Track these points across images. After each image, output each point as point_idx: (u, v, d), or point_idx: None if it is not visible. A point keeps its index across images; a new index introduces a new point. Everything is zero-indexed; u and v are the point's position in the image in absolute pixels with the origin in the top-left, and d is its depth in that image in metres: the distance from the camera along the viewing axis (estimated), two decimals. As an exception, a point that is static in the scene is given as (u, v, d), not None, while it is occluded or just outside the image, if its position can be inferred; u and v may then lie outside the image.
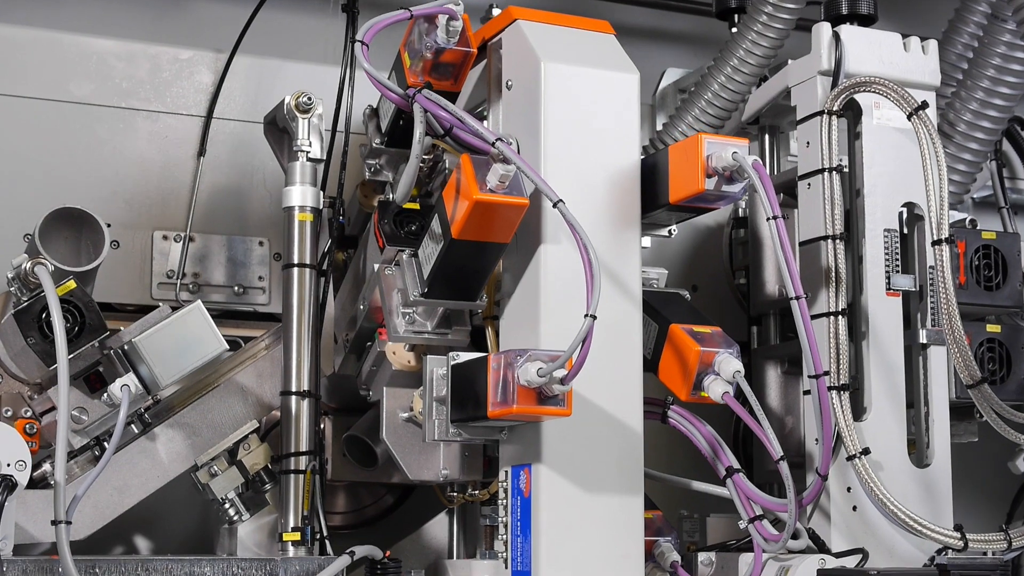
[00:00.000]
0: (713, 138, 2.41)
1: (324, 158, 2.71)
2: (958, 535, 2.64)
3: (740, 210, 3.22)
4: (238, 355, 2.65)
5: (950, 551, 2.62)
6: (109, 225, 2.60)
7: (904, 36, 2.84)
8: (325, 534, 2.54)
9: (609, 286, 2.45)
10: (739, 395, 2.45)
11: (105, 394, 2.39)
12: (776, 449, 2.37)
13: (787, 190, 2.99)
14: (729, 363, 2.42)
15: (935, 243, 2.56)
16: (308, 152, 2.63)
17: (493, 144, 2.23)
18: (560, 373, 2.17)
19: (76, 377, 2.39)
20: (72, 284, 2.39)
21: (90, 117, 2.96)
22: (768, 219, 2.34)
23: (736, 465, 2.47)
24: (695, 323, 2.56)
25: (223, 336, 2.93)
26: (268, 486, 2.63)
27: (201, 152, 3.02)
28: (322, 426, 2.77)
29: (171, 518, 2.93)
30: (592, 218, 2.45)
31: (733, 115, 3.08)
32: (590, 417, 2.40)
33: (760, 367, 3.05)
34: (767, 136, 3.12)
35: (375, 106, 2.86)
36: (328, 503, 3.01)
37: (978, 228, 2.90)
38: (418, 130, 2.34)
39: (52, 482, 2.48)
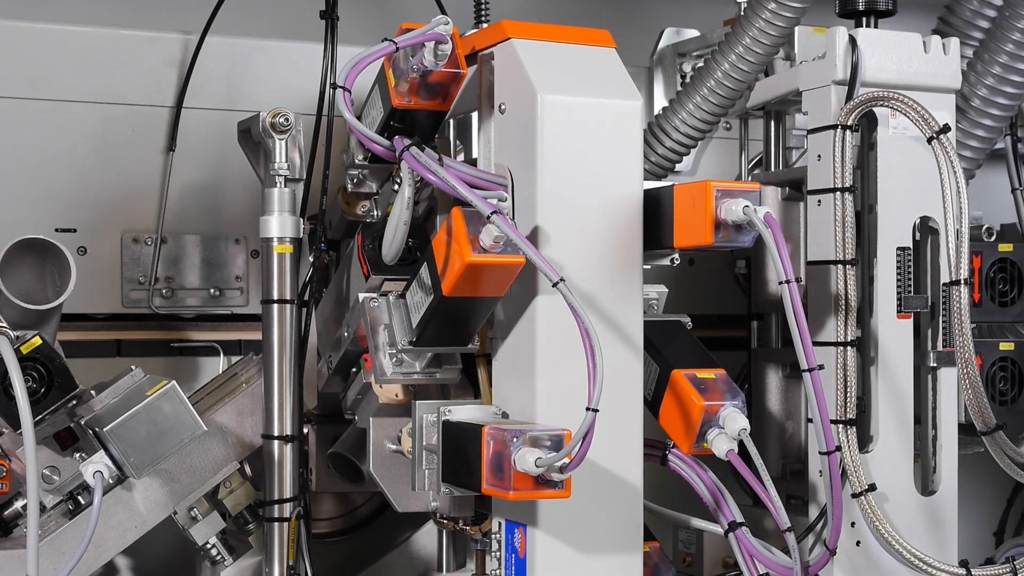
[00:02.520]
0: (722, 186, 2.24)
1: (304, 177, 2.53)
2: (963, 572, 2.57)
3: (742, 194, 3.06)
4: (216, 392, 2.51)
5: (955, 588, 2.56)
6: (83, 251, 2.43)
7: (924, 36, 2.66)
8: (311, 579, 2.46)
9: (608, 333, 2.32)
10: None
11: (77, 454, 2.27)
12: (783, 520, 2.27)
13: (794, 185, 2.85)
14: (735, 420, 2.30)
15: (952, 283, 2.41)
16: (286, 176, 2.45)
17: (489, 217, 2.06)
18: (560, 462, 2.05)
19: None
20: (37, 341, 2.24)
21: (45, 113, 2.76)
22: (780, 283, 2.19)
23: (739, 518, 2.37)
24: (697, 363, 2.43)
25: (201, 339, 2.84)
26: (251, 526, 2.54)
27: (170, 147, 2.83)
28: (306, 432, 2.66)
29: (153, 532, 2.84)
30: (591, 259, 2.31)
31: (738, 102, 2.90)
32: (589, 476, 2.29)
33: (760, 368, 2.94)
34: (772, 121, 2.94)
35: (358, 114, 2.69)
36: (316, 509, 2.93)
37: (994, 239, 2.75)
38: (405, 191, 2.17)
39: (22, 525, 2.40)
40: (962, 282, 2.40)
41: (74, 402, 2.25)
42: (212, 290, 2.87)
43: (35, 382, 2.23)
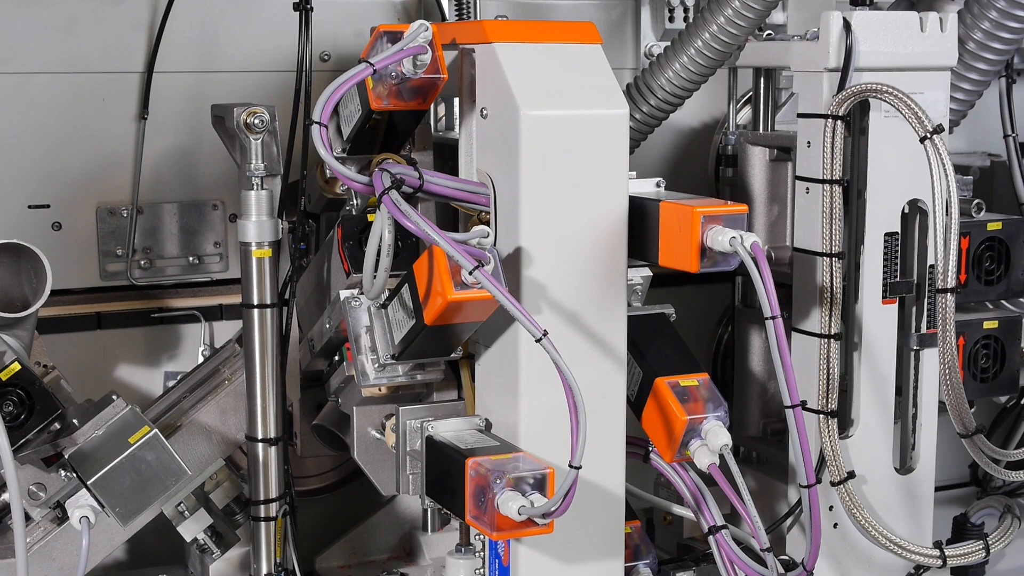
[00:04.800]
0: (709, 211, 2.19)
1: (281, 171, 2.47)
2: (937, 553, 2.63)
3: (730, 147, 2.99)
4: (199, 390, 2.50)
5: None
6: (57, 226, 2.35)
7: (921, 13, 2.56)
8: (299, 577, 2.51)
9: (592, 347, 2.30)
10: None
11: (62, 471, 2.28)
12: (763, 539, 2.30)
13: (782, 147, 2.79)
14: (716, 436, 2.31)
15: (939, 291, 2.39)
16: (263, 176, 2.39)
17: (471, 272, 2.02)
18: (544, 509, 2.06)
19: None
20: (16, 367, 2.22)
21: (10, 87, 2.65)
22: (767, 319, 2.16)
23: (720, 522, 2.41)
24: (681, 366, 2.42)
25: (181, 306, 2.82)
26: (239, 517, 2.57)
27: (142, 114, 2.74)
28: (290, 406, 2.67)
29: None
30: (575, 275, 2.27)
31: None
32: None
33: (744, 328, 2.94)
34: (762, 79, 2.86)
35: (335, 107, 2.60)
36: (301, 466, 2.96)
37: (982, 215, 2.70)
38: (386, 237, 2.11)
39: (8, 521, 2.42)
40: (948, 291, 2.38)
41: (57, 426, 2.24)
42: (191, 258, 2.83)
43: (15, 407, 2.22)
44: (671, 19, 3.17)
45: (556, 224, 2.25)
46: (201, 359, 2.82)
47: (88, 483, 2.12)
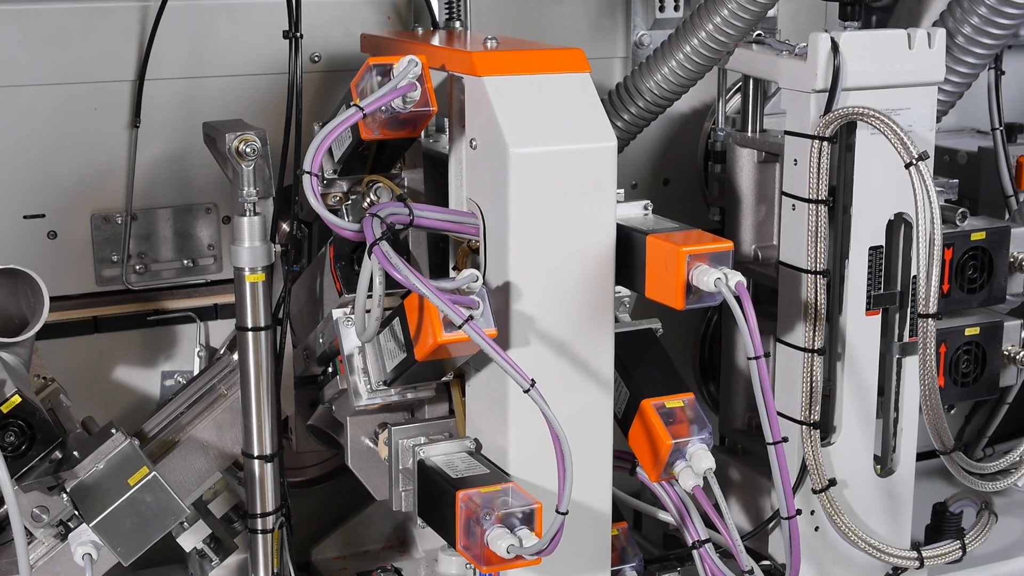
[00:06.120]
0: (694, 250, 2.23)
1: (273, 193, 2.50)
2: (915, 555, 2.71)
3: (719, 143, 3.01)
4: (195, 406, 2.56)
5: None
6: (53, 235, 2.37)
7: (909, 31, 2.57)
8: (295, 586, 2.59)
9: (580, 375, 2.36)
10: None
11: (63, 494, 2.35)
12: (744, 560, 2.38)
13: (770, 151, 2.82)
14: (700, 459, 2.37)
15: (921, 316, 2.44)
16: (255, 204, 2.42)
17: (460, 326, 2.06)
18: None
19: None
20: (16, 399, 2.27)
21: (2, 100, 2.66)
22: (750, 359, 2.21)
23: (703, 537, 2.48)
24: (667, 385, 2.47)
25: (177, 307, 2.86)
26: (237, 525, 2.64)
27: (135, 122, 2.75)
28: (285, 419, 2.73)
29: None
30: (563, 307, 2.31)
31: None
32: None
33: (730, 322, 2.98)
34: (751, 82, 2.87)
35: (326, 121, 2.61)
36: (296, 458, 3.02)
37: (968, 227, 2.73)
38: (377, 288, 2.15)
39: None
40: (930, 316, 2.42)
41: (58, 455, 2.30)
42: (185, 261, 2.86)
43: (16, 437, 2.28)
44: (661, 9, 3.16)
45: (545, 257, 2.29)
46: (197, 360, 2.87)
47: (90, 525, 2.18)
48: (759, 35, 2.86)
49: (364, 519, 2.99)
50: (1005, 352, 2.81)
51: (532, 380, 2.07)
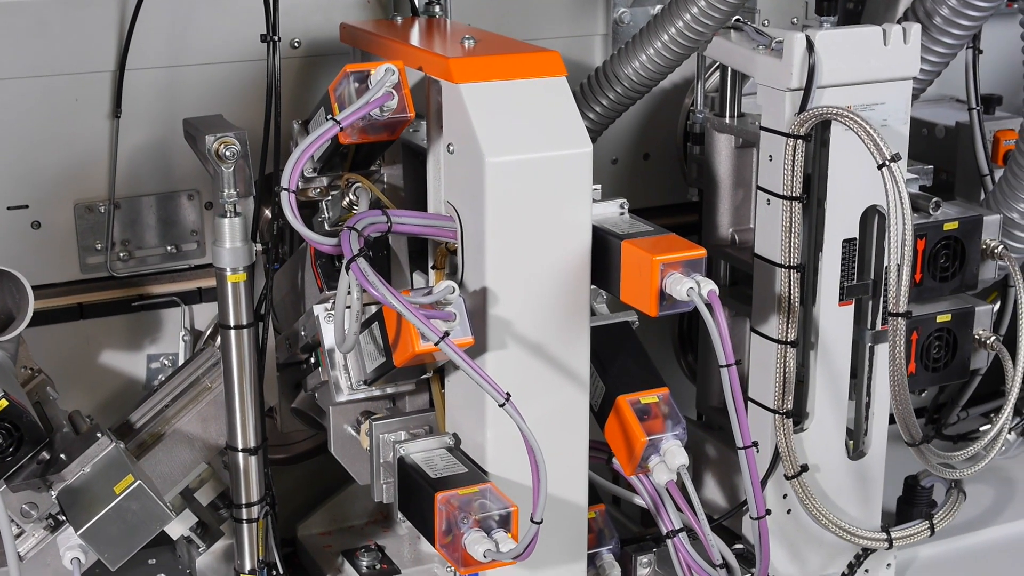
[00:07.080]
0: (667, 259, 2.26)
1: (254, 191, 2.53)
2: (884, 536, 2.79)
3: (698, 125, 3.02)
4: (181, 398, 2.61)
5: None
6: (36, 225, 2.38)
7: (885, 27, 2.58)
8: (280, 572, 2.65)
9: (557, 376, 2.41)
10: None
11: (52, 490, 2.40)
12: (716, 554, 2.45)
13: (747, 137, 2.84)
14: (674, 456, 2.43)
15: (891, 315, 2.48)
16: (236, 205, 2.44)
17: (437, 343, 2.11)
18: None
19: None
20: (3, 403, 2.32)
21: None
22: (720, 366, 2.26)
23: (677, 526, 2.55)
24: (643, 380, 2.52)
25: (161, 292, 2.90)
26: (223, 512, 2.70)
27: (116, 113, 2.77)
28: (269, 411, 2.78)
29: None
30: (540, 310, 2.36)
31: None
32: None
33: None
34: (729, 70, 2.88)
35: (306, 120, 2.64)
36: (283, 434, 3.07)
37: (941, 216, 2.76)
38: (355, 304, 2.18)
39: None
40: (899, 315, 2.47)
41: (45, 455, 2.35)
42: (169, 247, 2.89)
43: (4, 439, 2.33)
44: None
45: (521, 262, 2.33)
46: (182, 343, 2.92)
47: (77, 533, 2.24)
48: (738, 20, 2.86)
49: (348, 495, 3.05)
50: (976, 336, 2.85)
51: (507, 394, 2.12)
